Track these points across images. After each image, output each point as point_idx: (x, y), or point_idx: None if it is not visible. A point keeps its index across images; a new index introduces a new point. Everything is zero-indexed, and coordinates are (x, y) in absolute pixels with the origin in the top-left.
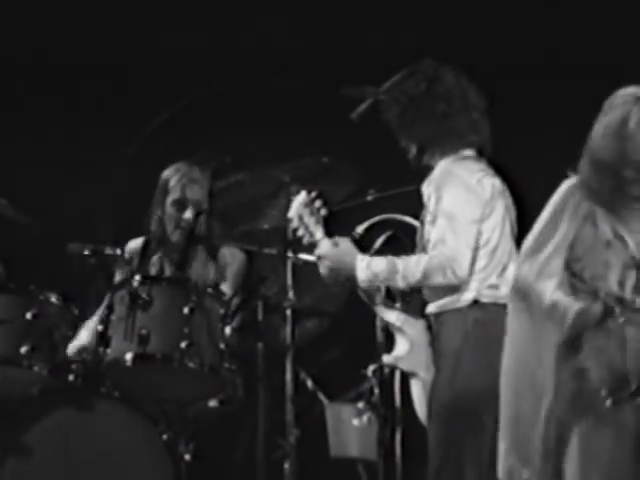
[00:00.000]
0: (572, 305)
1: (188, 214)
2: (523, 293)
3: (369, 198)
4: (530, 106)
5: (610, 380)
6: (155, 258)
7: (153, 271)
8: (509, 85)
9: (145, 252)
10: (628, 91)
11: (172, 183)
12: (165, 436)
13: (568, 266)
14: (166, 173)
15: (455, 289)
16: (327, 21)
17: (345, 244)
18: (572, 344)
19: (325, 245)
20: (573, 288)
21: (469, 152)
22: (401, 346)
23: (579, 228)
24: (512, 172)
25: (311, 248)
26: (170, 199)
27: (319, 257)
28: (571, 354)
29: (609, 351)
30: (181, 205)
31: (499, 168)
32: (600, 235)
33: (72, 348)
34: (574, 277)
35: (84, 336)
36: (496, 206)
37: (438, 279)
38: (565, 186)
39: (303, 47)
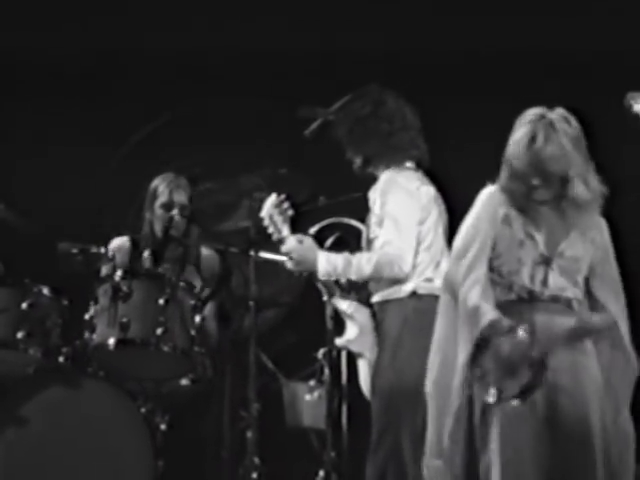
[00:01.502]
0: (488, 313)
1: (174, 213)
2: (451, 290)
3: (320, 204)
4: (461, 123)
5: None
6: (146, 254)
7: (147, 265)
8: (442, 104)
9: (135, 250)
10: (534, 111)
11: (161, 188)
12: (143, 409)
13: (490, 263)
14: (155, 181)
15: (396, 282)
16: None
17: (308, 241)
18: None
19: (291, 242)
20: (492, 282)
21: (409, 164)
22: (351, 331)
23: (498, 230)
24: (445, 181)
25: (272, 247)
26: (159, 202)
27: (286, 252)
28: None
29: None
30: (169, 207)
31: (434, 177)
32: (514, 235)
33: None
34: (493, 272)
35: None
36: (431, 210)
37: (386, 273)
38: (484, 193)
39: (262, 70)
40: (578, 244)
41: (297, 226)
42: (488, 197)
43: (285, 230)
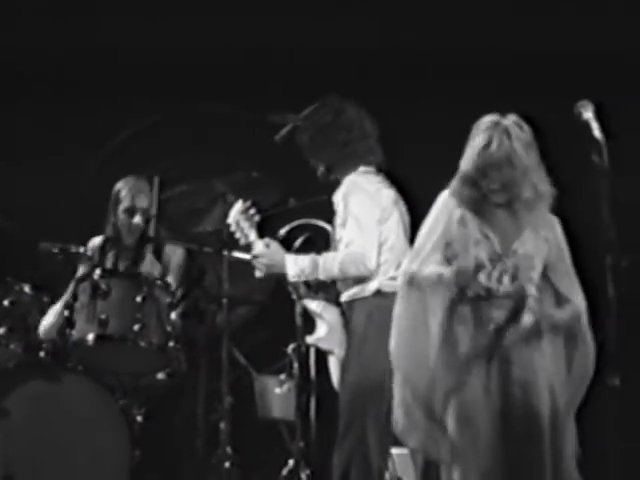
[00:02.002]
0: (449, 269)
1: (137, 219)
2: (410, 281)
3: (290, 206)
4: (420, 129)
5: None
6: (110, 255)
7: (109, 266)
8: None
9: (103, 250)
10: (489, 118)
11: (123, 193)
12: (121, 402)
13: (447, 262)
14: (118, 185)
15: (362, 281)
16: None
17: (274, 245)
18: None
19: (259, 246)
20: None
21: (369, 168)
22: (321, 329)
23: (454, 231)
24: (406, 184)
25: (244, 247)
26: (122, 207)
27: (255, 256)
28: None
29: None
30: (131, 212)
31: (395, 181)
32: (470, 235)
33: (41, 329)
34: None
35: (49, 319)
36: (392, 212)
37: (352, 272)
38: (442, 196)
39: (235, 76)
40: (530, 242)
41: (269, 227)
42: (444, 200)
43: (252, 235)
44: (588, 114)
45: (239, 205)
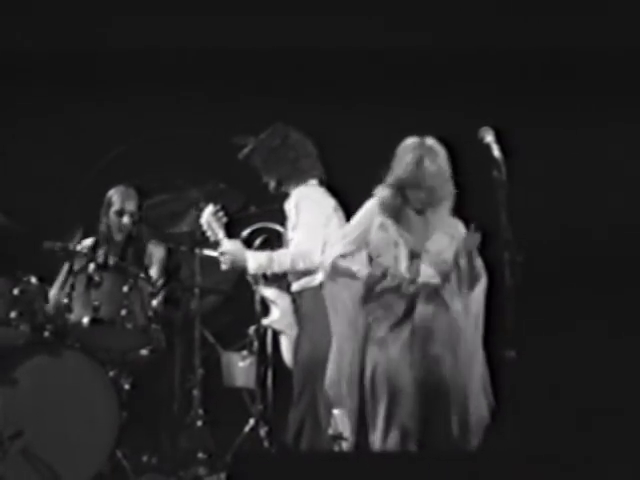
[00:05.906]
0: (364, 269)
1: (126, 220)
2: (332, 269)
3: (251, 212)
4: (357, 145)
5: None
6: (101, 252)
7: (100, 260)
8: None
9: (95, 248)
10: (414, 139)
11: (114, 198)
12: (111, 373)
13: (370, 259)
14: (110, 192)
15: (311, 274)
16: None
17: (238, 244)
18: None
19: (227, 244)
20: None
21: (314, 181)
22: (274, 313)
23: (373, 233)
24: (343, 195)
25: (213, 245)
26: (113, 210)
27: (222, 253)
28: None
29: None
30: (121, 214)
31: (335, 193)
32: (390, 238)
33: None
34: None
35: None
36: (333, 218)
37: (300, 265)
38: (369, 203)
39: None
40: (439, 241)
41: (232, 229)
42: (370, 206)
43: (220, 234)
44: (489, 138)
45: (210, 208)
